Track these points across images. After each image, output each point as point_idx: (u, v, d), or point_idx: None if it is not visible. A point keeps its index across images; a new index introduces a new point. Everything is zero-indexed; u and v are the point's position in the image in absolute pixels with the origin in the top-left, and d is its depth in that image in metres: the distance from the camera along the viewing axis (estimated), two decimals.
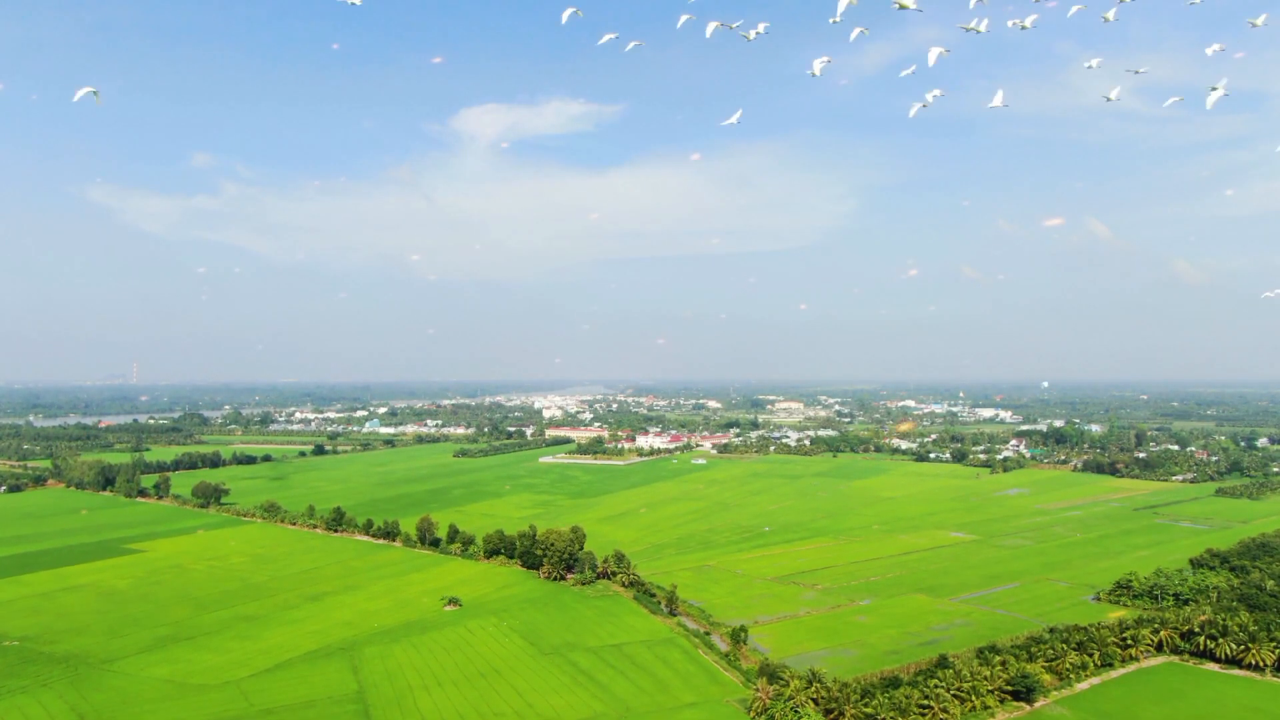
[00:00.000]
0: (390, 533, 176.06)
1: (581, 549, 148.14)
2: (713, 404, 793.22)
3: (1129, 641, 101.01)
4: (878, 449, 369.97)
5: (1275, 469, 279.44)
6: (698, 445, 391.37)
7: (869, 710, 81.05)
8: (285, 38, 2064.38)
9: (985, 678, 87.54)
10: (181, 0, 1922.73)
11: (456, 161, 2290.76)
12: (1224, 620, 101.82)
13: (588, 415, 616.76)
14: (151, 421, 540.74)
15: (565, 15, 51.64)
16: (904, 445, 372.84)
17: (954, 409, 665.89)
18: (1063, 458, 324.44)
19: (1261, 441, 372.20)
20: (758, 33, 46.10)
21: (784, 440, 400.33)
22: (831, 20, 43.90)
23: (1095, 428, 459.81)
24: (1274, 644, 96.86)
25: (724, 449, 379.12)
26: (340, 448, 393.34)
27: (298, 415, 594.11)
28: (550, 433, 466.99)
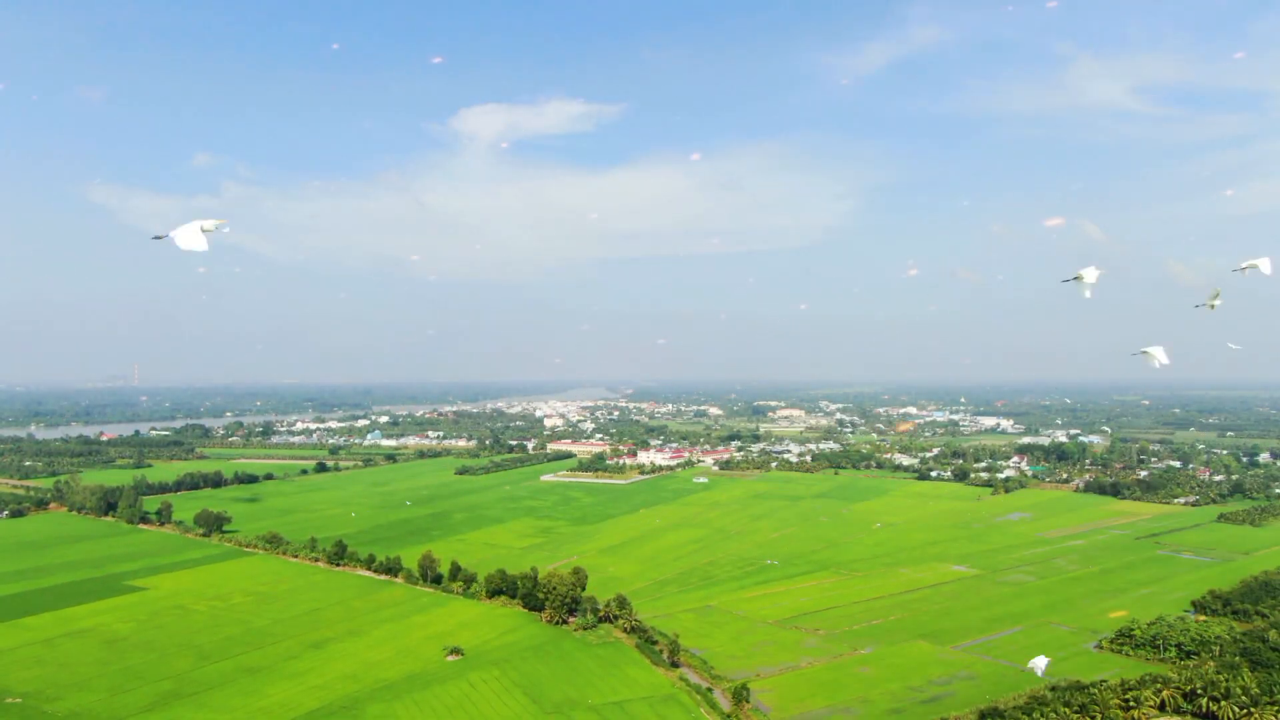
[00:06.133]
0: (392, 568, 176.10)
1: (583, 590, 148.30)
2: (714, 411, 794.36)
3: (1131, 703, 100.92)
4: (879, 465, 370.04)
5: (1277, 490, 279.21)
6: (699, 461, 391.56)
7: None
8: (286, 39, 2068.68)
9: None
10: (182, 1, 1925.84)
11: (456, 162, 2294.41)
12: (1226, 681, 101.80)
13: (589, 425, 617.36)
14: (153, 433, 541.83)
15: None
16: (905, 461, 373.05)
17: (955, 416, 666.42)
18: (1064, 476, 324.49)
19: (1264, 457, 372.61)
20: None
21: (785, 455, 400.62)
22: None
23: (1097, 439, 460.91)
24: (1276, 708, 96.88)
25: (725, 465, 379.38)
26: (342, 463, 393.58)
27: (299, 425, 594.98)
28: (552, 446, 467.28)
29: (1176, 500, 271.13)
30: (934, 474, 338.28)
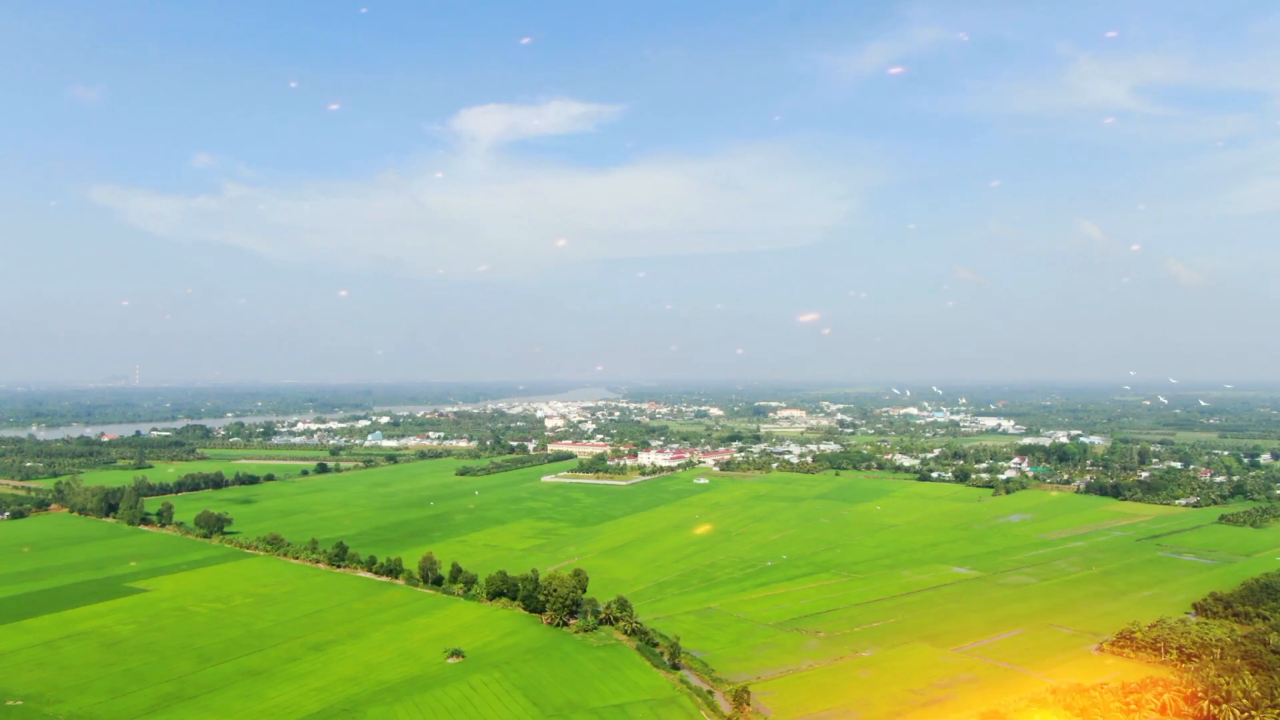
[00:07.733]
0: (393, 570, 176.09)
1: (584, 592, 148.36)
2: (715, 411, 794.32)
3: (1133, 706, 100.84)
4: (880, 466, 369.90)
5: (1278, 491, 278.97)
6: (700, 462, 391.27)
7: None
8: (286, 39, 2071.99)
9: None
10: (183, 3, 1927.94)
11: (457, 162, 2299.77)
12: (1227, 684, 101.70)
13: (590, 426, 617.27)
14: (154, 434, 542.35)
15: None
16: (906, 462, 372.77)
17: (955, 417, 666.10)
18: (1065, 477, 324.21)
19: (1265, 458, 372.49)
20: None
21: (786, 456, 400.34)
22: None
23: (1098, 440, 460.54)
24: (1277, 711, 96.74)
25: (726, 466, 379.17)
26: (343, 464, 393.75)
27: (300, 426, 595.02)
28: (553, 447, 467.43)
29: (1178, 501, 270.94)
30: (935, 475, 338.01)
